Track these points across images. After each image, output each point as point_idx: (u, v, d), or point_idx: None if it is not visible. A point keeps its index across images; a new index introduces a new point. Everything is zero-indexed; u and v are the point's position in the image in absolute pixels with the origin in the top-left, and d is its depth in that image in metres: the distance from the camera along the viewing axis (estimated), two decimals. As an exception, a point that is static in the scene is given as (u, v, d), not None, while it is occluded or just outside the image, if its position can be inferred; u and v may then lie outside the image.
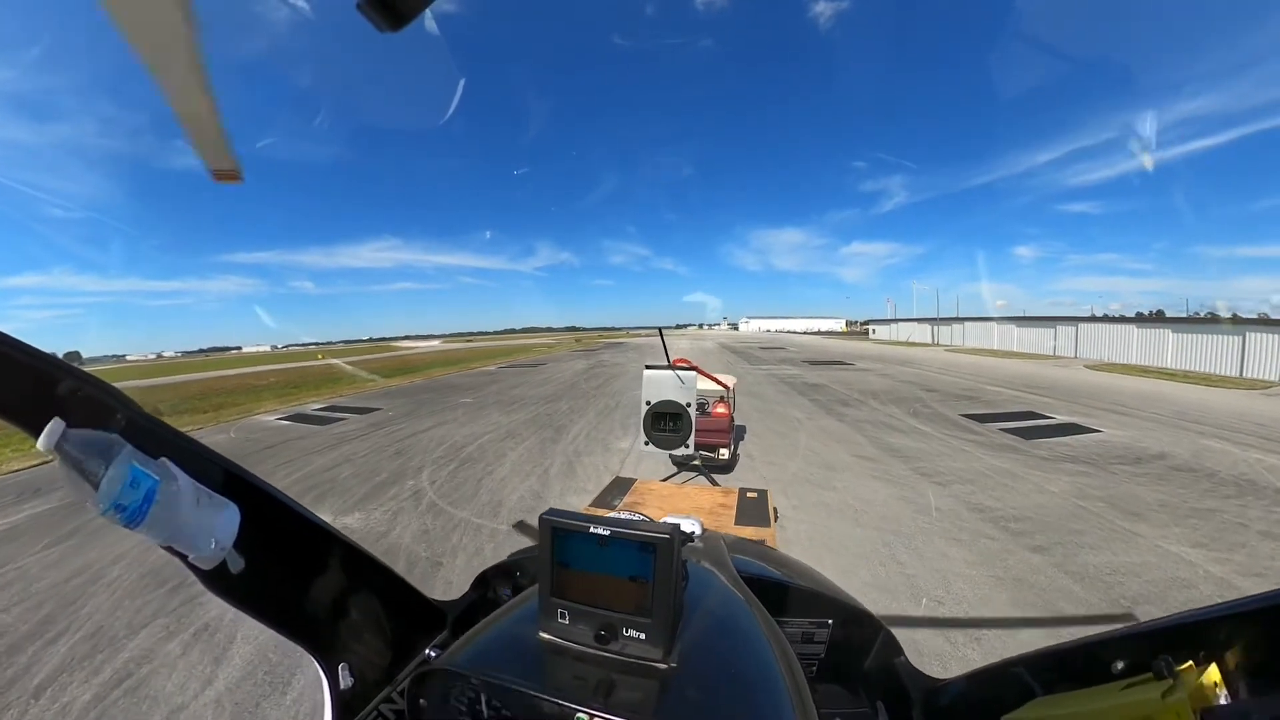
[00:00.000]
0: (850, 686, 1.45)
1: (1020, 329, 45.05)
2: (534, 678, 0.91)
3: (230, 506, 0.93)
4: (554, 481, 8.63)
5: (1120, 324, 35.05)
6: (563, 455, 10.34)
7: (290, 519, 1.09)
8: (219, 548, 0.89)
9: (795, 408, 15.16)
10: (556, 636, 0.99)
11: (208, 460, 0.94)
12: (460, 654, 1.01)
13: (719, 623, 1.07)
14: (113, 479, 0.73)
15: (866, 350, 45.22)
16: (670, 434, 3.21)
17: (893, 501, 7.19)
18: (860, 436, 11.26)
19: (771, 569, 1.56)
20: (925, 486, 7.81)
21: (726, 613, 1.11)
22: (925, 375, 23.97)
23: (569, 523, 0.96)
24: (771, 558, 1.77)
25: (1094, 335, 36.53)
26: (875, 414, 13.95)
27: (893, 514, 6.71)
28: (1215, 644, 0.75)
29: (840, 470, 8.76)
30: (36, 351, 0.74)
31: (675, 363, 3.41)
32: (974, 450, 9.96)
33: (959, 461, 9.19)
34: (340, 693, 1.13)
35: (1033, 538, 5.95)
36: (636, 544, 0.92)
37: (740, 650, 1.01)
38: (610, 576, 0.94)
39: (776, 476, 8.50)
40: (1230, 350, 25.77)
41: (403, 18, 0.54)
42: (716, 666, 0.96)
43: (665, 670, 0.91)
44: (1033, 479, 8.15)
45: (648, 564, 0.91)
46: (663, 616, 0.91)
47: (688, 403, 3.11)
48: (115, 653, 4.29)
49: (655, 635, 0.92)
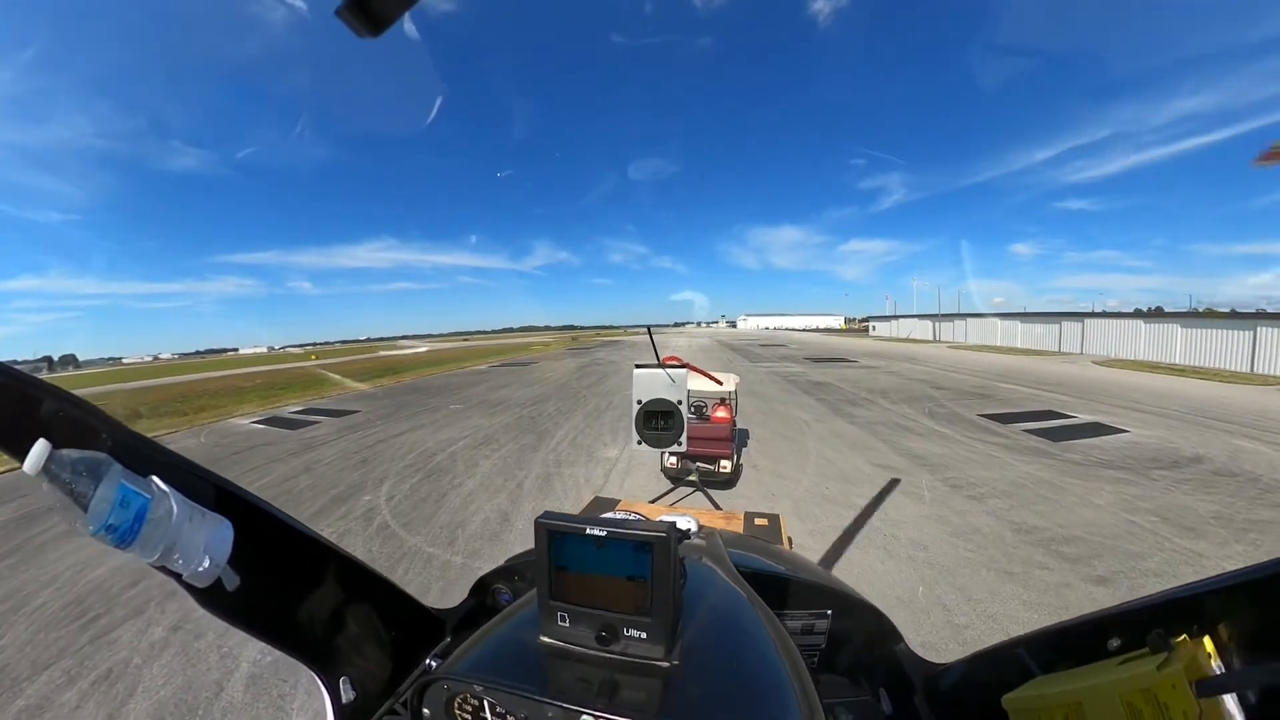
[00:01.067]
0: (852, 675, 1.42)
1: (1025, 325, 44.28)
2: (537, 682, 0.89)
3: (223, 522, 0.91)
4: (526, 499, 7.63)
5: (1127, 319, 34.26)
6: (541, 466, 9.40)
7: (284, 533, 1.07)
8: (213, 565, 0.87)
9: (801, 408, 14.22)
10: (557, 640, 0.98)
11: (198, 476, 0.93)
12: (461, 662, 1.00)
13: (719, 618, 1.05)
14: (102, 499, 0.72)
15: (868, 347, 44.43)
16: (662, 432, 3.04)
17: (925, 523, 6.22)
18: (877, 441, 10.29)
19: (769, 563, 1.53)
20: (959, 502, 6.87)
21: (726, 608, 1.10)
22: (932, 372, 23.15)
23: (565, 525, 0.95)
24: (769, 552, 1.74)
25: (1100, 331, 35.78)
26: (888, 415, 13.03)
27: (927, 539, 5.75)
28: (1208, 617, 0.76)
29: (859, 483, 7.79)
30: (19, 373, 0.74)
31: (665, 360, 3.28)
32: (1003, 455, 9.05)
33: (990, 469, 8.26)
34: (343, 707, 1.11)
35: (1091, 565, 5.08)
36: (633, 544, 0.90)
37: (741, 645, 0.99)
38: (609, 577, 0.93)
39: (788, 493, 7.52)
40: (1240, 346, 25.16)
41: (382, 23, 0.56)
42: (719, 662, 0.94)
43: (668, 668, 0.90)
44: (1073, 489, 7.27)
45: (645, 563, 0.90)
46: (663, 615, 0.90)
47: (679, 400, 3.00)
48: (10, 699, 3.84)
49: (656, 634, 0.91)
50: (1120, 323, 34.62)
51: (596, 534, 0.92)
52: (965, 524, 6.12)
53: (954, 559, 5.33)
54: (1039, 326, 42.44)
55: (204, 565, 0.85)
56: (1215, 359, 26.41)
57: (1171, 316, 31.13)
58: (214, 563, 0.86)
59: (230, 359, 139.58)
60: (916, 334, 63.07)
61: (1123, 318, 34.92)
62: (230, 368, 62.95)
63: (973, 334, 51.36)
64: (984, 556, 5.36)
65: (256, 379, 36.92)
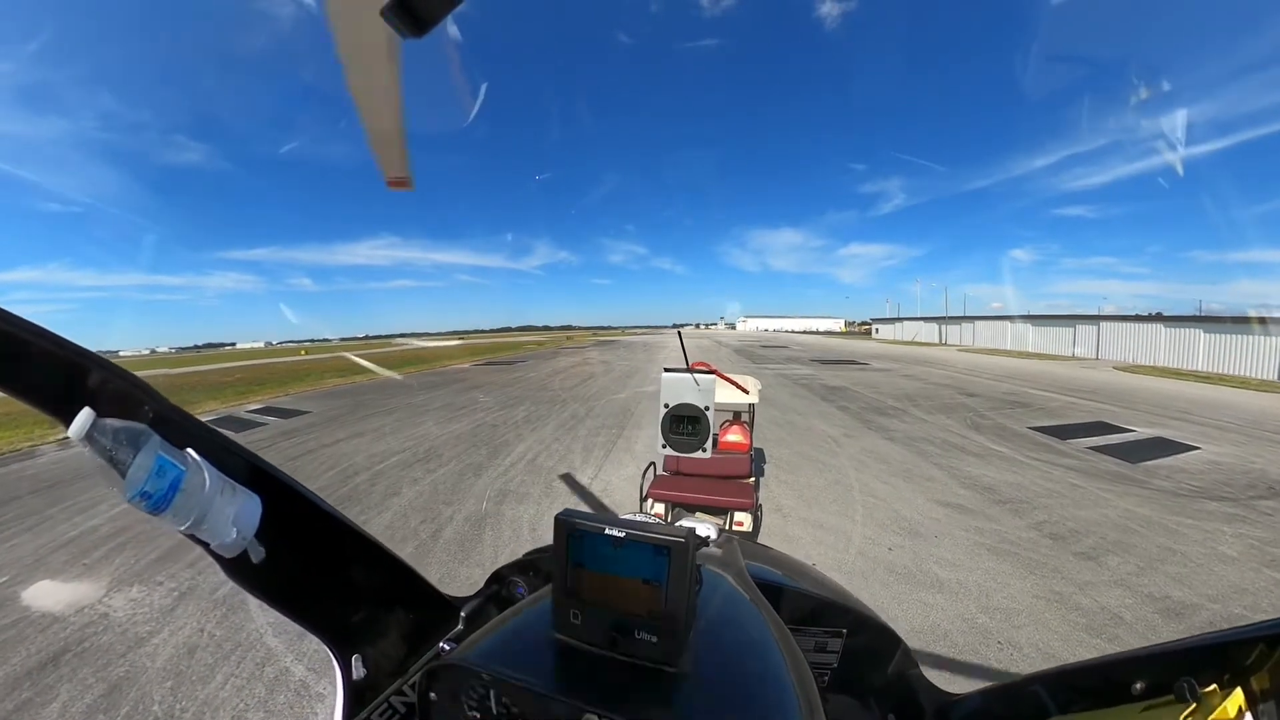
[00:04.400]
0: (862, 698, 1.38)
1: (1036, 328, 42.85)
2: (544, 676, 0.90)
3: (253, 497, 0.93)
4: (435, 558, 5.47)
5: (1146, 323, 32.80)
6: (475, 500, 7.28)
7: (312, 512, 1.08)
8: (240, 537, 0.89)
9: (823, 419, 12.49)
10: (568, 636, 0.97)
11: (232, 453, 0.94)
12: (473, 650, 1.00)
13: (732, 629, 1.04)
14: (140, 467, 0.74)
15: (874, 350, 42.96)
16: (688, 437, 2.56)
17: (1045, 613, 4.32)
18: (928, 465, 8.46)
19: (787, 577, 1.46)
20: (1072, 567, 5.05)
21: (739, 619, 1.07)
22: (954, 376, 21.61)
23: (585, 523, 0.93)
24: (787, 565, 1.67)
25: (1117, 335, 34.35)
26: (927, 428, 11.31)
27: (1059, 645, 4.00)
28: (1241, 667, 0.71)
29: (930, 537, 5.75)
30: (68, 343, 0.76)
31: (694, 366, 2.89)
32: (1086, 485, 7.38)
33: (1082, 506, 6.56)
34: (353, 683, 1.12)
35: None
36: (651, 547, 0.88)
37: (752, 657, 0.97)
38: (624, 578, 0.91)
39: (837, 560, 5.28)
40: (1269, 353, 24.04)
41: (425, 24, 0.58)
42: (727, 673, 0.93)
43: (675, 675, 0.88)
44: (1189, 534, 5.68)
45: (662, 567, 0.88)
46: (675, 620, 0.88)
47: (706, 406, 2.51)
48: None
49: (667, 639, 0.89)
50: (1138, 326, 33.19)
51: (615, 534, 0.90)
52: (1099, 608, 4.35)
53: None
54: (1052, 330, 41.01)
55: (231, 537, 0.88)
56: (1242, 366, 25.28)
57: (1194, 321, 29.77)
58: (241, 535, 0.89)
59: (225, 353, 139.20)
60: (922, 336, 61.81)
61: (1141, 321, 33.43)
62: (221, 362, 61.69)
63: (980, 337, 50.01)
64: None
65: (236, 374, 36.05)
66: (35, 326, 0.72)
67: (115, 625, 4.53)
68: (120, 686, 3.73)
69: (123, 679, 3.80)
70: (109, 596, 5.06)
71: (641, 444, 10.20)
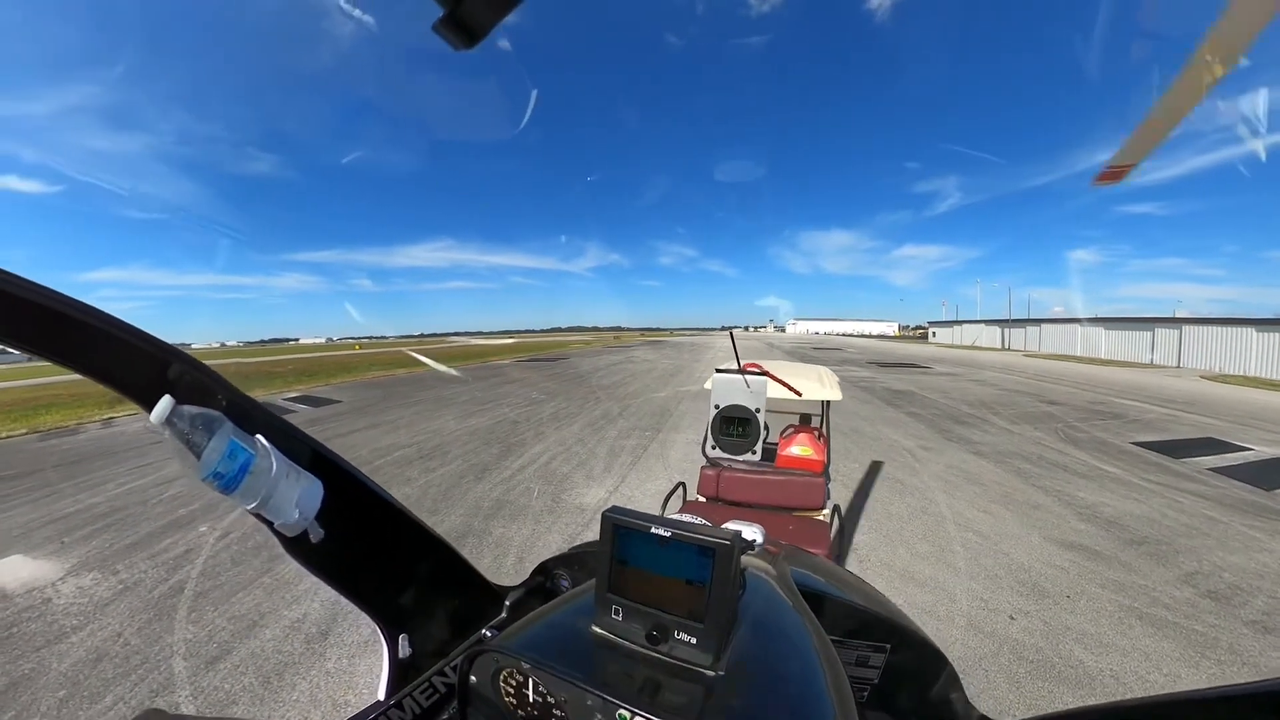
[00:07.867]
0: (902, 717, 1.31)
1: (1109, 332, 40.05)
2: (582, 670, 0.89)
3: (315, 481, 0.98)
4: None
5: (1236, 327, 30.02)
6: (464, 512, 6.46)
7: (370, 497, 1.14)
8: (302, 518, 0.95)
9: (892, 426, 11.47)
10: (608, 632, 0.96)
11: (298, 439, 1.00)
12: (514, 638, 1.00)
13: (772, 635, 0.99)
14: (213, 450, 0.81)
15: (934, 354, 41.00)
16: (738, 439, 2.88)
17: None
18: (1029, 488, 7.30)
19: (833, 586, 1.42)
20: (1247, 640, 3.94)
21: (780, 626, 1.03)
22: (1027, 382, 20.10)
23: (631, 521, 0.93)
24: (834, 574, 1.60)
25: (1201, 340, 31.66)
26: (1016, 441, 10.17)
27: None
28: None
29: (1059, 598, 4.45)
30: (153, 338, 0.83)
31: (745, 367, 3.26)
32: (1225, 518, 6.25)
33: (1231, 550, 5.43)
34: (399, 661, 1.19)
35: None
36: (696, 548, 0.88)
37: (790, 666, 0.94)
38: (667, 578, 0.91)
39: (940, 635, 3.87)
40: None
41: (476, 36, 0.58)
42: (764, 679, 0.89)
43: (712, 677, 0.87)
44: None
45: (706, 568, 0.88)
46: (716, 623, 0.87)
47: (756, 408, 2.85)
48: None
49: (706, 641, 0.88)
50: (1227, 330, 30.39)
51: (660, 533, 0.90)
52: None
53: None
54: (1127, 334, 38.21)
55: (294, 517, 0.94)
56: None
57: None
58: (303, 516, 0.95)
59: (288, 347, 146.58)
60: (982, 341, 58.98)
61: (1230, 325, 30.62)
62: (280, 354, 66.46)
63: (1047, 342, 47.24)
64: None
65: (289, 365, 38.48)
66: (122, 323, 0.79)
67: (49, 614, 4.37)
68: (18, 685, 3.47)
69: (23, 678, 3.54)
70: (63, 580, 4.97)
71: (678, 450, 9.38)
